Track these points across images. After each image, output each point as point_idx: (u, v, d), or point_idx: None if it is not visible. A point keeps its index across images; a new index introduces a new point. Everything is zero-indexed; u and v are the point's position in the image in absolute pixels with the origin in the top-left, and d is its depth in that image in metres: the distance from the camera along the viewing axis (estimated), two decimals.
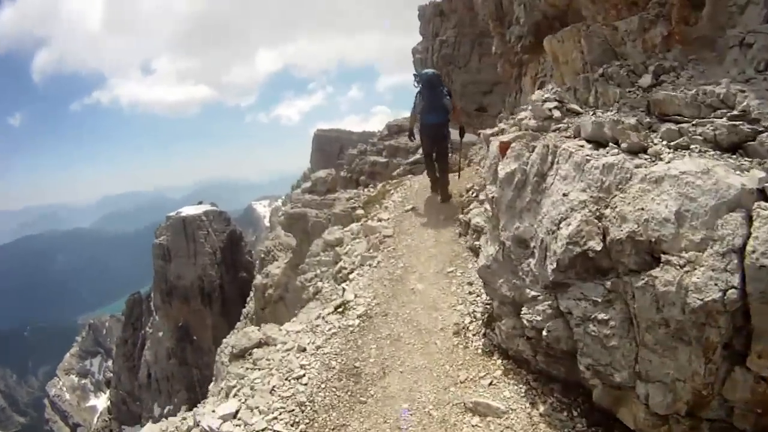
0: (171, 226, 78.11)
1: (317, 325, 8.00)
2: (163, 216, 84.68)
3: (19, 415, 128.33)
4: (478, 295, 7.66)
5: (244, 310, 64.25)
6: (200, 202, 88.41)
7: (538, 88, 11.63)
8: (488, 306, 7.06)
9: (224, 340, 10.36)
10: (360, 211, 15.79)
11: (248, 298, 66.11)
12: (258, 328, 8.58)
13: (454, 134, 13.22)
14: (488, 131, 13.10)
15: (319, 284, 11.42)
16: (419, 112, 12.42)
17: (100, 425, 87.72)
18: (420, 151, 18.55)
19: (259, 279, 23.49)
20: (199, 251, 76.03)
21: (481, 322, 7.03)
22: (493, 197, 6.27)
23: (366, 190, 19.03)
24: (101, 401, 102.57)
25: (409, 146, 37.84)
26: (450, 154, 13.07)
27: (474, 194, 10.59)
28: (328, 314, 8.28)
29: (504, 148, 6.14)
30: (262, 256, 71.10)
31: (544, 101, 6.66)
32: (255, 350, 7.87)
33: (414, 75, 13.02)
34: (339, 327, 7.62)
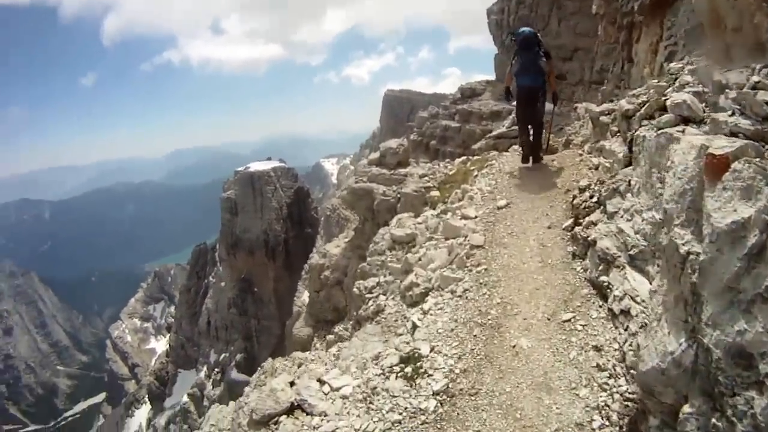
0: (239, 181, 79.06)
1: (374, 390, 5.52)
2: (231, 171, 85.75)
3: (81, 354, 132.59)
4: (611, 376, 4.99)
5: (306, 266, 63.83)
6: (269, 158, 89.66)
7: (666, 60, 9.19)
8: (630, 404, 4.51)
9: (246, 390, 7.67)
10: (435, 193, 13.32)
11: (311, 255, 65.75)
12: (291, 382, 6.06)
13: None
14: (594, 107, 10.81)
15: (382, 299, 8.69)
16: (515, 73, 11.59)
17: (157, 367, 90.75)
18: (505, 123, 16.66)
19: (315, 258, 20.97)
20: (265, 206, 76.70)
21: (618, 429, 4.46)
22: (688, 253, 3.58)
23: (443, 164, 16.33)
24: (161, 344, 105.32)
25: (482, 112, 35.64)
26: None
27: (594, 198, 7.77)
28: (391, 368, 5.82)
29: (718, 166, 3.41)
30: (328, 213, 70.87)
31: (756, 88, 4.05)
32: (283, 419, 5.46)
33: (509, 33, 12.91)
34: (405, 410, 5.06)
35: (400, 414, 5.04)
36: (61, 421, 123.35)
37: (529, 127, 11.96)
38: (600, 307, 6.01)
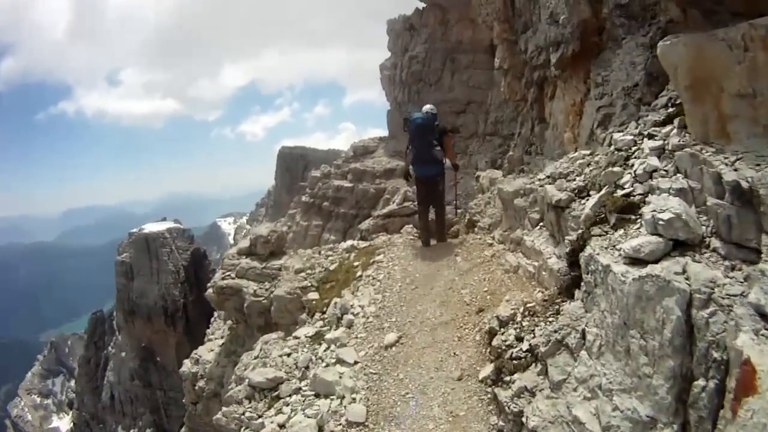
0: (134, 243, 75.69)
1: None
2: (126, 231, 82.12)
3: None
4: None
5: (208, 331, 60.43)
6: (163, 219, 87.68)
7: (600, 125, 7.30)
8: None
9: None
10: (313, 296, 10.99)
11: (212, 319, 62.52)
12: None
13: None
14: (503, 183, 9.25)
15: None
16: (411, 162, 11.09)
17: None
18: (396, 200, 15.13)
19: (187, 366, 17.85)
20: (162, 269, 73.29)
21: None
22: None
23: (324, 252, 13.72)
24: (64, 423, 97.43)
25: (376, 170, 34.15)
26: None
27: (523, 342, 5.19)
28: None
29: None
30: None
31: None
32: None
33: (404, 119, 11.40)
34: None
35: None
36: None
37: (431, 208, 11.37)
38: None
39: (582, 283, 4.44)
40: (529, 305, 5.68)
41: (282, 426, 6.16)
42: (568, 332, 4.33)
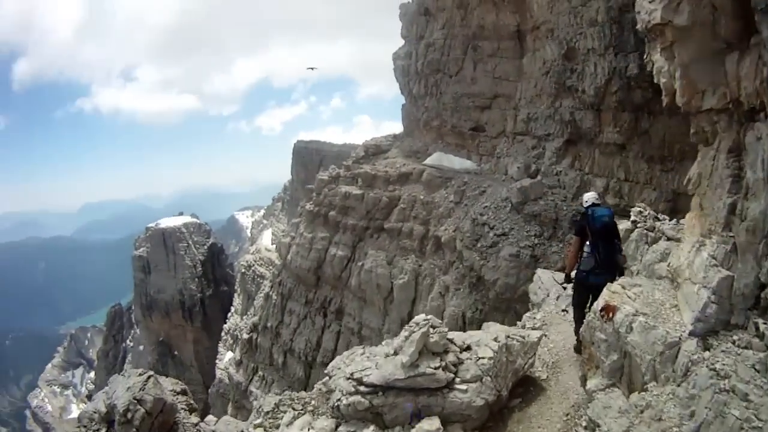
0: (150, 238, 75.68)
1: None
2: (143, 226, 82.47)
3: (0, 425, 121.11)
4: None
5: (225, 326, 59.05)
6: (180, 213, 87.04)
7: None
8: None
9: None
10: None
11: (229, 314, 61.32)
12: None
13: None
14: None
15: None
16: (586, 270, 8.90)
17: None
18: (405, 356, 12.87)
19: None
20: (179, 264, 73.22)
21: None
22: None
23: None
24: None
25: (389, 174, 30.69)
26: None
27: None
28: None
29: None
30: (243, 270, 66.18)
31: None
32: None
33: (581, 213, 9.70)
34: None
35: None
36: None
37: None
38: None
39: None
40: None
41: None
42: None
